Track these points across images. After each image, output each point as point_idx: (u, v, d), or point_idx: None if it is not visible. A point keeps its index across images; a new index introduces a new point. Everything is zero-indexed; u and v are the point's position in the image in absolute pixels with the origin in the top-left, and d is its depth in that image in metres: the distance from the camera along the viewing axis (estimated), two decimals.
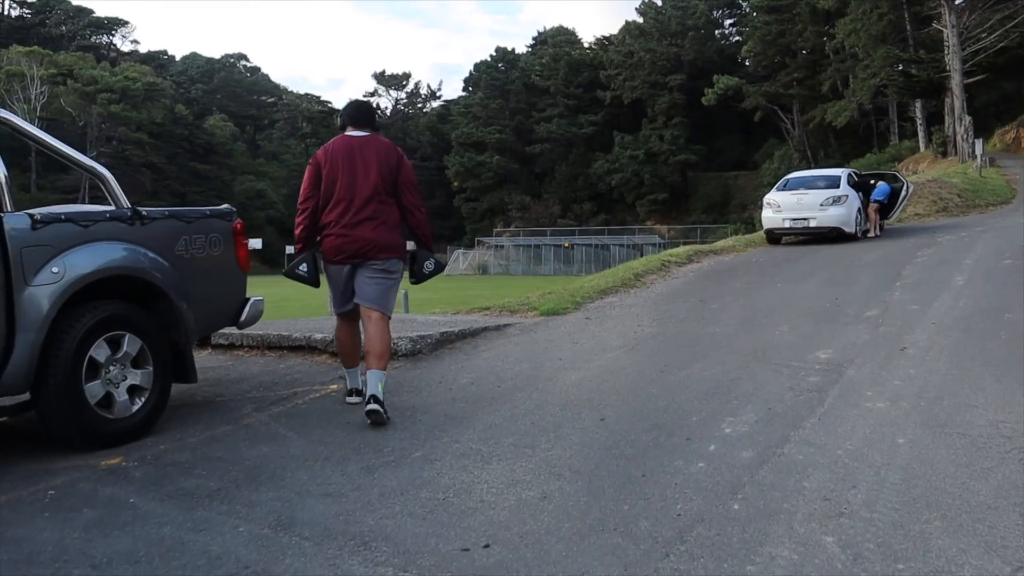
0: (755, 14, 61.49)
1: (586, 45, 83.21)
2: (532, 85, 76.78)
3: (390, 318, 4.87)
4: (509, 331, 7.26)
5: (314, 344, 6.34)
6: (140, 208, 4.45)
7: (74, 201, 71.42)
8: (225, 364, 6.45)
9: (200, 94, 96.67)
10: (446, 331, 6.70)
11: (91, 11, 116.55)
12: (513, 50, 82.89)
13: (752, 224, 59.53)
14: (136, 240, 4.37)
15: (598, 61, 75.58)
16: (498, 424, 4.36)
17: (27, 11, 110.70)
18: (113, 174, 4.78)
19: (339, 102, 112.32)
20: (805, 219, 14.83)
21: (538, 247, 66.66)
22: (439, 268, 5.29)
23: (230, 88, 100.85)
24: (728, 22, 75.49)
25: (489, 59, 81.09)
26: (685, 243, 58.84)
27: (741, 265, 12.43)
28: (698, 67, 68.10)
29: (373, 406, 4.41)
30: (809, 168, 37.48)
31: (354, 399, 4.95)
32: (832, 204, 14.78)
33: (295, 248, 4.91)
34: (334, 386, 5.40)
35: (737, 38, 72.22)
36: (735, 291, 9.56)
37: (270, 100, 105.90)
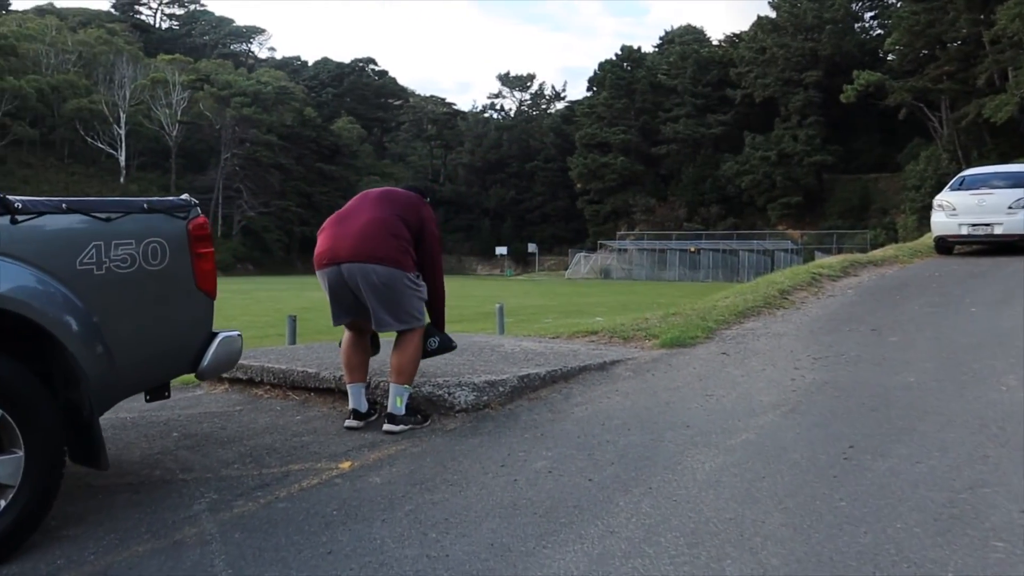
0: (900, 4, 56.98)
1: (715, 43, 79.88)
2: (658, 84, 74.06)
3: (417, 329, 4.35)
4: (617, 372, 5.38)
5: (345, 388, 4.66)
6: (10, 197, 2.81)
7: (208, 202, 73.82)
8: (230, 410, 4.85)
9: (330, 97, 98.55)
10: (528, 374, 4.88)
11: (232, 20, 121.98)
12: (639, 49, 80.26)
13: (894, 230, 55.36)
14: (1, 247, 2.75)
15: (728, 58, 72.14)
16: None
17: (175, 23, 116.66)
18: (244, 174, 3.26)
19: (465, 105, 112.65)
20: (988, 225, 12.23)
21: (663, 251, 64.08)
22: (444, 347, 4.59)
23: (359, 91, 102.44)
24: (869, 14, 70.73)
25: (614, 58, 78.66)
26: (820, 249, 55.43)
27: (912, 281, 10.11)
28: (836, 62, 63.90)
29: (387, 426, 4.25)
30: (960, 170, 33.82)
31: (352, 423, 4.38)
32: None
33: None
34: (346, 464, 3.68)
35: (879, 31, 67.53)
36: (915, 318, 7.36)
37: (397, 103, 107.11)
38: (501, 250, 76.61)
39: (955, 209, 12.70)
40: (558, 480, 3.37)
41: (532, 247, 75.74)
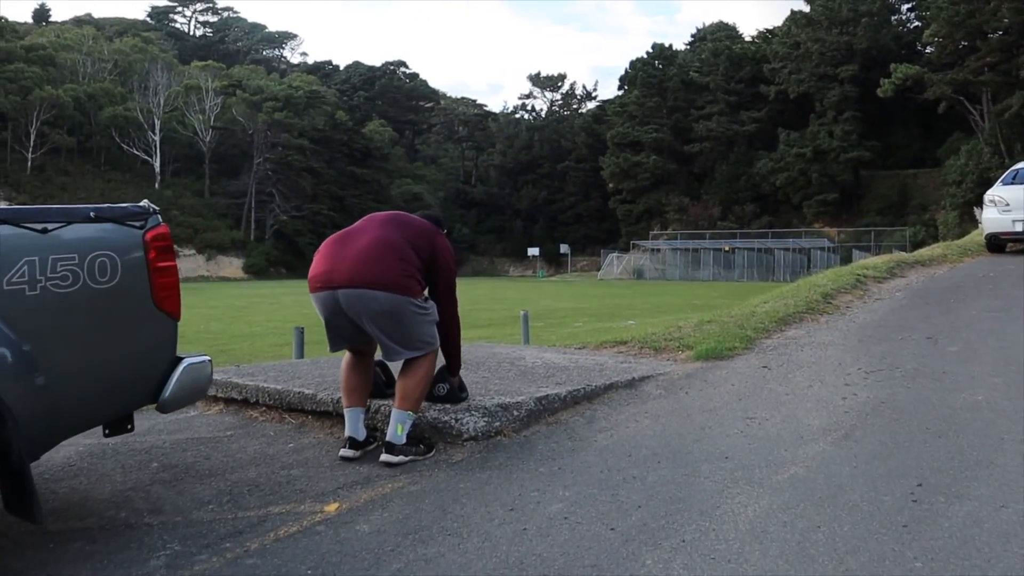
0: None
1: (748, 39, 78.78)
2: (690, 82, 73.15)
3: (429, 353, 3.89)
4: (647, 390, 4.86)
5: (343, 412, 4.20)
6: None
7: (241, 206, 74.25)
8: (219, 435, 4.41)
9: (362, 101, 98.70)
10: (547, 395, 4.38)
11: (264, 27, 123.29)
12: (670, 46, 79.44)
13: (935, 227, 54.03)
14: None
15: (761, 54, 71.04)
16: None
17: (209, 30, 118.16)
18: (276, 178, 2.91)
19: (497, 106, 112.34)
20: None
21: (696, 251, 63.25)
22: (452, 398, 4.19)
23: (390, 94, 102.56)
24: (906, 6, 69.20)
25: (645, 56, 77.88)
26: (857, 248, 54.30)
27: (965, 282, 9.47)
28: (872, 56, 62.65)
29: (385, 457, 3.74)
30: (1003, 164, 32.72)
31: (348, 452, 3.87)
32: None
33: None
34: (332, 506, 3.21)
35: (916, 23, 66.10)
36: (975, 324, 6.76)
37: (428, 105, 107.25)
38: (533, 251, 76.23)
39: (1008, 205, 12.00)
40: (575, 529, 2.88)
41: (564, 248, 75.28)
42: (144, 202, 2.99)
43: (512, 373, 5.15)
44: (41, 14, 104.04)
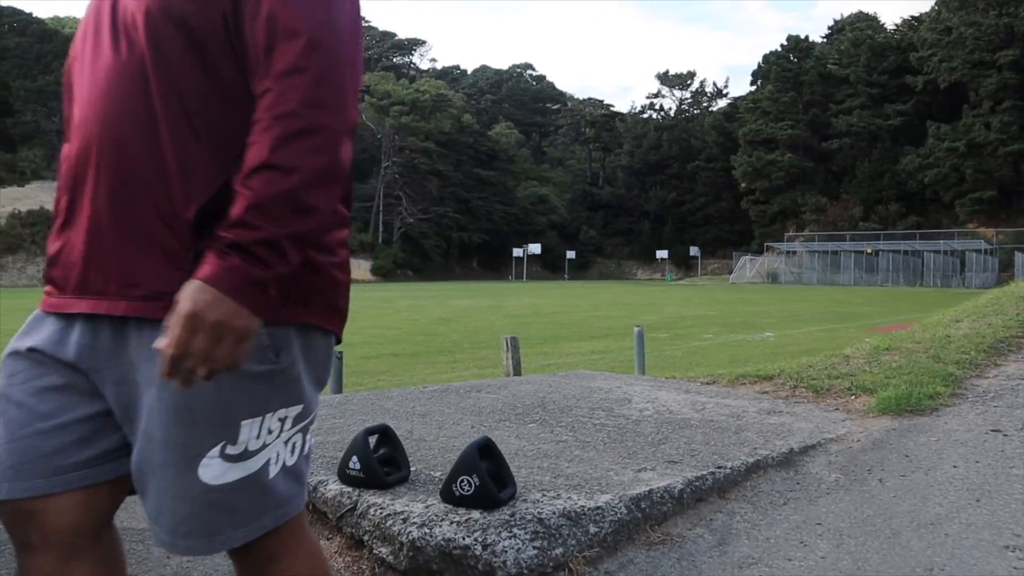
0: None
1: (891, 28, 74.16)
2: (828, 75, 69.33)
3: None
4: (814, 471, 3.26)
5: (323, 505, 2.82)
6: None
7: (369, 209, 75.36)
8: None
9: (488, 104, 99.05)
10: (650, 491, 2.77)
11: (394, 34, 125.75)
12: (807, 38, 75.61)
13: None
14: None
15: (907, 43, 66.58)
16: None
17: None
18: (403, 182, 1.81)
19: (625, 108, 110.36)
20: None
21: (836, 253, 59.72)
22: (485, 497, 2.42)
23: (517, 97, 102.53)
24: None
25: (779, 49, 74.45)
26: (1019, 249, 49.71)
27: None
28: None
29: None
30: None
31: None
32: None
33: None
34: None
35: None
36: None
37: (555, 107, 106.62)
38: (662, 254, 74.28)
39: None
40: None
41: (694, 250, 73.08)
42: None
43: (605, 433, 3.62)
44: None
